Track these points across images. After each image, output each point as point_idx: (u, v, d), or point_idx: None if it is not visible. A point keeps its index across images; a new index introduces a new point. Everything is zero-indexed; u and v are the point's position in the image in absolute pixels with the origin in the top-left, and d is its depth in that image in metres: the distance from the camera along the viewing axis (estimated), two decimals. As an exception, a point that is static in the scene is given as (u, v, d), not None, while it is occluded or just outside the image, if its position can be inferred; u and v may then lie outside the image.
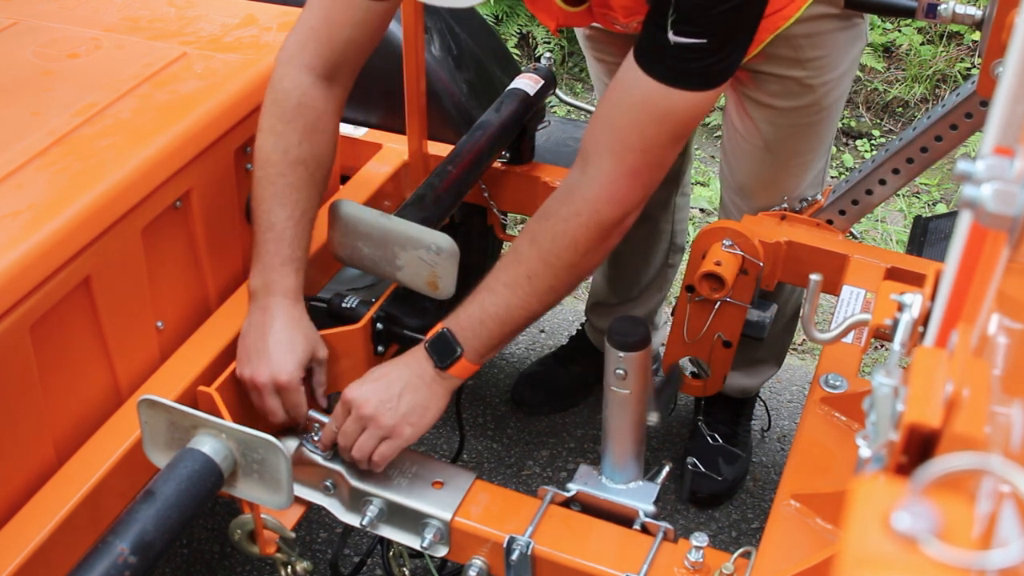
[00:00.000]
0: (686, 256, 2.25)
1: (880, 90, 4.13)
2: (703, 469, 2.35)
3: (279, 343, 1.54)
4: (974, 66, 4.07)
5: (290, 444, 1.59)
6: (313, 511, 1.85)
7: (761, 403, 2.58)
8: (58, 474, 1.46)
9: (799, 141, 2.00)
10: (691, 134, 1.53)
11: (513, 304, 1.50)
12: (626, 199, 1.47)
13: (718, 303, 1.91)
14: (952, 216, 2.22)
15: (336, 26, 1.61)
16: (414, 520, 1.52)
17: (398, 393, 1.50)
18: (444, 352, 1.51)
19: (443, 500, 1.51)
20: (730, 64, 1.42)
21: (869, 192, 2.03)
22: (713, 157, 3.85)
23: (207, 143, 1.66)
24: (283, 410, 1.55)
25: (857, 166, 3.44)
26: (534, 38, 4.36)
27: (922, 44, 4.18)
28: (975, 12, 1.73)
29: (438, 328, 1.53)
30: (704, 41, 1.36)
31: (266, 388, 1.53)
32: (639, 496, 1.53)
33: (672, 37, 1.36)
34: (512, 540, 1.45)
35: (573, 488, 1.54)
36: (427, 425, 1.53)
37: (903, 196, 3.64)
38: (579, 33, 2.20)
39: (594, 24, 2.06)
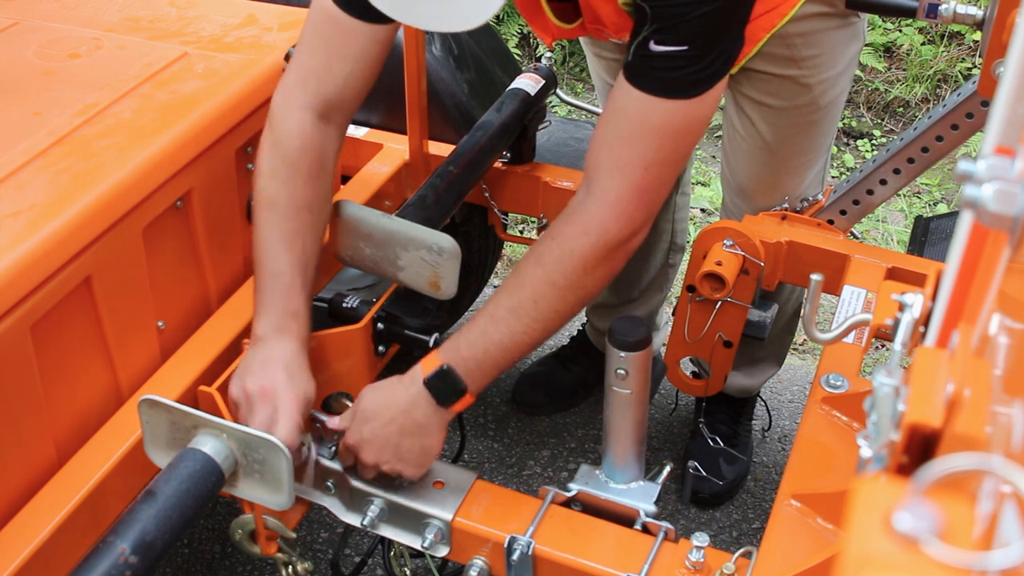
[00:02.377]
0: (687, 256, 2.25)
1: (881, 90, 4.13)
2: (704, 473, 2.35)
3: (302, 370, 1.49)
4: (975, 66, 4.07)
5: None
6: (314, 511, 1.85)
7: (762, 403, 2.58)
8: (59, 474, 1.46)
9: (798, 141, 2.00)
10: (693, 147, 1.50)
11: (517, 331, 1.45)
12: (633, 218, 1.44)
13: (719, 303, 1.91)
14: (953, 216, 2.22)
15: (336, 61, 1.56)
16: (415, 520, 1.51)
17: (396, 443, 1.47)
18: (447, 391, 1.45)
19: (444, 500, 1.51)
20: (717, 70, 1.39)
21: (870, 192, 2.03)
22: (714, 157, 3.85)
23: (208, 143, 1.66)
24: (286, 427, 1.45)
25: (858, 166, 3.44)
26: (535, 38, 4.36)
27: (923, 44, 4.18)
28: (976, 12, 1.73)
29: (438, 363, 1.45)
30: (685, 48, 1.34)
31: (290, 403, 1.44)
32: (640, 496, 1.53)
33: (653, 47, 1.34)
34: (513, 540, 1.45)
35: (574, 488, 1.54)
36: (429, 463, 1.50)
37: (904, 196, 3.64)
38: (580, 30, 2.20)
39: None
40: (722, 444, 2.38)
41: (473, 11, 1.23)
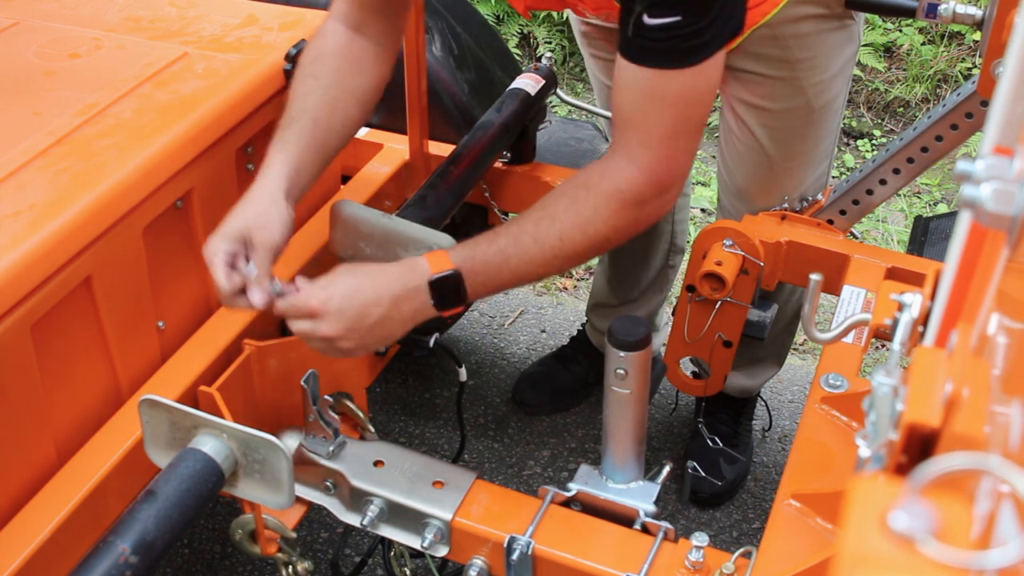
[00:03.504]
0: (686, 256, 2.25)
1: (881, 90, 4.13)
2: (703, 473, 2.35)
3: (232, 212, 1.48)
4: (975, 66, 4.07)
5: (291, 444, 1.59)
6: (314, 511, 1.85)
7: (762, 403, 2.58)
8: (59, 474, 1.46)
9: (793, 143, 1.99)
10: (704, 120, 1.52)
11: (536, 262, 1.48)
12: (663, 183, 1.49)
13: (719, 303, 1.91)
14: (953, 216, 2.22)
15: None
16: (415, 520, 1.52)
17: (369, 325, 1.43)
18: (449, 296, 1.45)
19: (444, 500, 1.51)
20: (714, 36, 1.40)
21: (870, 192, 2.03)
22: (713, 157, 3.85)
23: (208, 143, 1.66)
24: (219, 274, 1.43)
25: (858, 166, 3.44)
26: (535, 38, 4.36)
27: (923, 44, 4.18)
28: (975, 12, 1.73)
29: (449, 266, 1.45)
30: (679, 18, 1.36)
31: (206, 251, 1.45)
32: (640, 496, 1.53)
33: (647, 20, 1.37)
34: (512, 540, 1.45)
35: (574, 488, 1.54)
36: (375, 348, 1.49)
37: (904, 196, 3.64)
38: (576, 31, 2.20)
39: (588, 21, 2.06)
40: (721, 444, 2.38)
41: None
